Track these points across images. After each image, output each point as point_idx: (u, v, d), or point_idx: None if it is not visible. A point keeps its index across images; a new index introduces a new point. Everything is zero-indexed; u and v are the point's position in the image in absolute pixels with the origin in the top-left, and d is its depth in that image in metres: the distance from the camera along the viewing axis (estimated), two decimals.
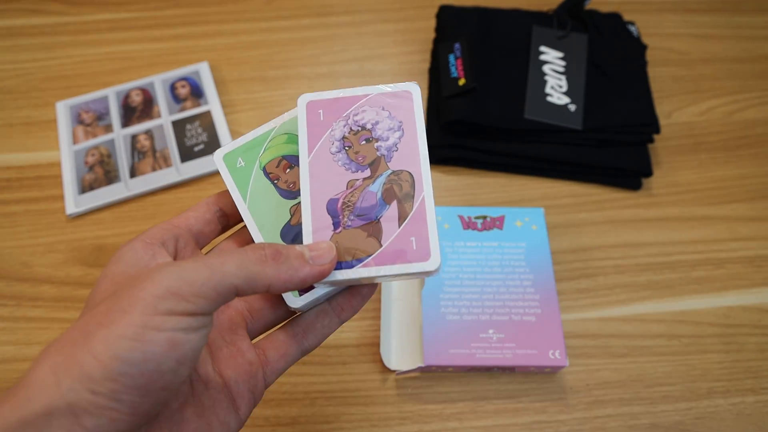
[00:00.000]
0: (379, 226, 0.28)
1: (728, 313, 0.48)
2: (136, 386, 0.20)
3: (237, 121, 0.57)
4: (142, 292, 0.21)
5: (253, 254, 0.24)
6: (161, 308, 0.21)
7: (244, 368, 0.27)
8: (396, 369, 0.44)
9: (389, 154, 0.29)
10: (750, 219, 0.52)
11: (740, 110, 0.58)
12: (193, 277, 0.22)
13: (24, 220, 0.52)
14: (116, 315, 0.21)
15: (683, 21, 0.64)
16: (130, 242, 0.27)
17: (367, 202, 0.28)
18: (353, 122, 0.30)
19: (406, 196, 0.28)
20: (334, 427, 0.43)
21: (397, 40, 0.62)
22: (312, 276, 0.25)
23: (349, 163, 0.29)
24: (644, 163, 0.53)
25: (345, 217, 0.28)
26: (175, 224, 0.28)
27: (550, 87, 0.55)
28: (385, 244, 0.27)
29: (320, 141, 0.29)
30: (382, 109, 0.30)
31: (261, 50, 0.62)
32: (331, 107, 0.30)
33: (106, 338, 0.20)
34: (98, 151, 0.55)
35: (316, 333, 0.29)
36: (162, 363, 0.21)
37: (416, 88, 0.30)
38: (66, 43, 0.62)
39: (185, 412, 0.25)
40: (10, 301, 0.48)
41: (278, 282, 0.24)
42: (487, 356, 0.43)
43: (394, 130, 0.29)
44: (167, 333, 0.21)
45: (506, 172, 0.55)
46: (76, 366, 0.20)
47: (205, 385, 0.26)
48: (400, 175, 0.28)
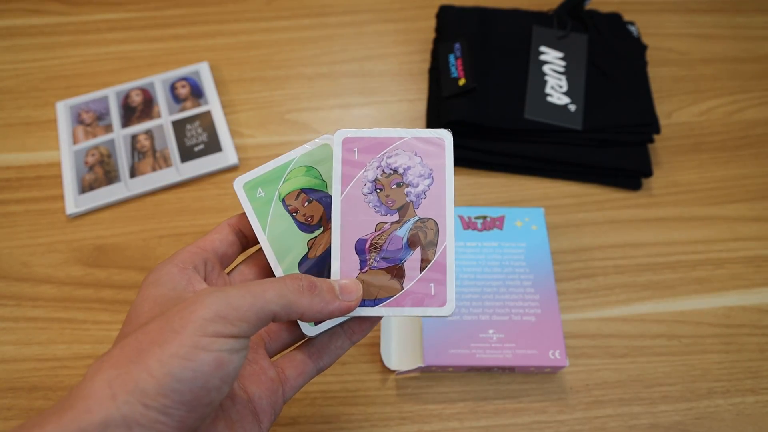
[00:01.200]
0: (402, 269, 0.30)
1: (728, 313, 0.48)
2: (184, 402, 0.22)
3: (237, 121, 0.57)
4: (192, 314, 0.23)
5: (292, 284, 0.26)
6: (210, 330, 0.23)
7: (267, 385, 0.29)
8: (396, 369, 0.44)
9: (418, 200, 0.30)
10: (750, 219, 0.52)
11: (740, 110, 0.58)
12: (239, 303, 0.24)
13: (24, 220, 0.52)
14: (169, 335, 0.23)
15: (683, 21, 0.64)
16: (164, 266, 0.29)
17: (393, 246, 0.30)
18: (386, 165, 0.31)
19: (430, 244, 0.30)
20: (334, 427, 0.43)
21: (397, 40, 0.62)
22: (340, 310, 0.28)
23: (379, 205, 0.30)
24: (644, 163, 0.53)
25: (371, 258, 0.30)
26: (202, 247, 0.30)
27: (550, 87, 0.55)
28: (406, 287, 0.29)
29: (353, 180, 0.31)
30: (415, 155, 0.31)
31: (261, 50, 0.62)
32: (366, 146, 0.31)
33: (160, 356, 0.22)
34: (98, 151, 0.55)
35: (330, 353, 0.32)
36: (208, 381, 0.23)
37: (449, 136, 0.31)
38: (66, 43, 0.62)
39: (218, 425, 0.27)
40: (10, 301, 0.48)
41: (310, 312, 0.27)
42: (487, 356, 0.43)
43: (425, 177, 0.30)
44: (215, 353, 0.23)
45: (506, 172, 0.55)
46: (131, 381, 0.22)
47: (232, 401, 0.28)
48: (426, 222, 0.30)
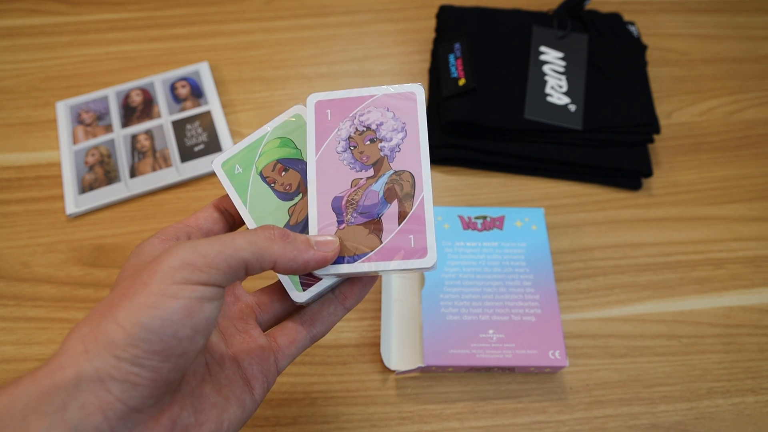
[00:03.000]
0: (380, 223, 0.29)
1: (728, 313, 0.48)
2: (155, 351, 0.22)
3: (237, 121, 0.57)
4: (160, 264, 0.23)
5: (263, 232, 0.26)
6: (177, 277, 0.23)
7: (257, 352, 0.29)
8: (396, 369, 0.44)
9: (392, 154, 0.30)
10: (750, 219, 0.52)
11: (740, 110, 0.58)
12: (207, 250, 0.24)
13: (24, 220, 0.52)
14: (138, 287, 0.23)
15: (683, 21, 0.64)
16: (147, 240, 0.29)
17: (369, 201, 0.29)
18: (359, 122, 0.31)
19: (407, 196, 0.29)
20: (334, 427, 0.43)
21: (397, 40, 0.62)
22: (315, 260, 0.27)
23: (353, 162, 0.30)
24: (644, 163, 0.53)
25: (348, 215, 0.29)
26: (186, 223, 0.31)
27: (550, 87, 0.55)
28: (385, 241, 0.29)
29: (327, 140, 0.31)
30: (387, 110, 0.31)
31: (261, 50, 0.62)
32: (339, 107, 0.31)
33: (129, 307, 0.22)
34: (98, 151, 0.55)
35: (323, 321, 0.31)
36: (179, 330, 0.22)
37: (420, 89, 0.31)
38: (66, 43, 0.62)
39: (204, 388, 0.27)
40: (10, 301, 0.48)
41: (284, 259, 0.26)
42: (487, 356, 0.43)
43: (398, 131, 0.30)
44: (183, 300, 0.23)
45: (506, 172, 0.55)
46: (101, 334, 0.22)
47: (220, 366, 0.28)
48: (401, 175, 0.30)
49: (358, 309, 0.48)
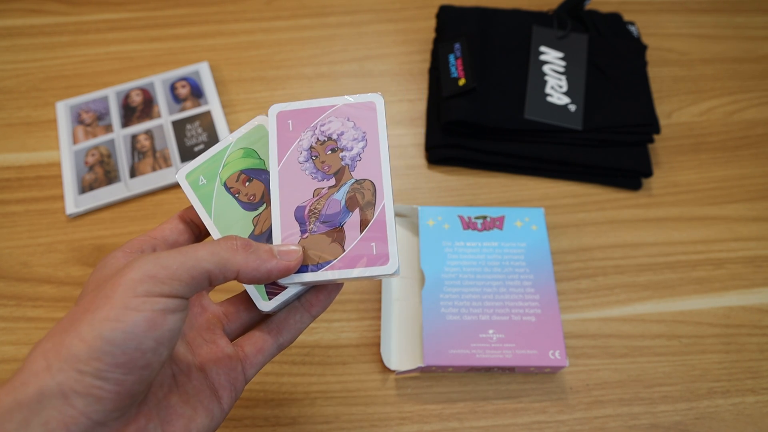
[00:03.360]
0: (342, 232, 0.30)
1: (728, 313, 0.48)
2: (118, 364, 0.22)
3: (237, 121, 0.57)
4: (122, 278, 0.23)
5: (225, 243, 0.26)
6: (139, 290, 0.23)
7: (224, 361, 0.29)
8: (396, 369, 0.44)
9: (353, 163, 0.31)
10: (750, 219, 0.52)
11: (740, 110, 0.58)
12: (168, 262, 0.24)
13: (24, 220, 0.52)
14: (100, 301, 0.23)
15: (683, 21, 0.64)
16: (111, 253, 0.29)
17: (331, 210, 0.30)
18: (320, 132, 0.31)
19: (368, 204, 0.30)
20: (334, 427, 0.43)
21: (397, 40, 0.62)
22: (278, 269, 0.27)
23: (315, 172, 0.31)
24: (644, 163, 0.53)
25: (311, 224, 0.30)
26: (152, 236, 0.30)
27: (550, 87, 0.55)
28: (347, 249, 0.29)
29: (289, 150, 0.31)
30: (347, 120, 0.31)
31: (261, 50, 0.62)
32: (300, 117, 0.31)
33: (91, 321, 0.22)
34: (98, 151, 0.55)
35: (289, 329, 0.31)
36: (142, 342, 0.22)
37: (380, 99, 0.31)
38: (66, 43, 0.62)
39: (171, 398, 0.27)
40: (10, 301, 0.48)
41: (247, 269, 0.26)
42: (487, 356, 0.43)
43: (358, 140, 0.31)
44: (145, 313, 0.22)
45: (506, 172, 0.55)
46: (64, 349, 0.22)
47: (187, 376, 0.28)
48: (362, 183, 0.30)
49: (358, 309, 0.48)
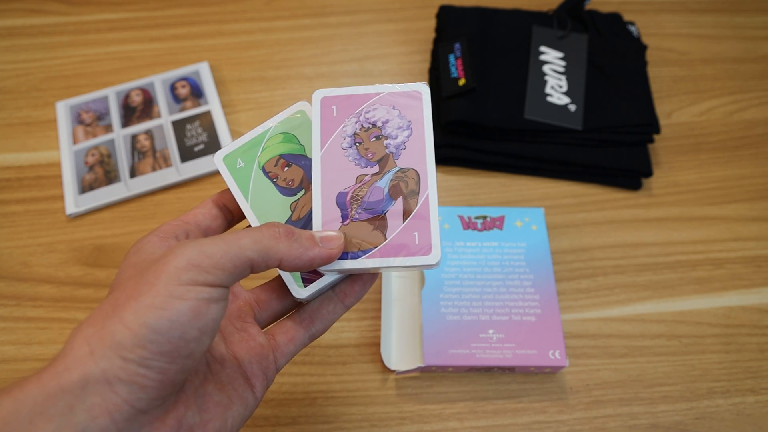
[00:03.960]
0: (384, 220, 0.29)
1: (728, 313, 0.48)
2: (162, 352, 0.22)
3: (237, 121, 0.57)
4: (166, 265, 0.23)
5: (268, 231, 0.26)
6: (184, 279, 0.22)
7: (256, 350, 0.29)
8: (396, 369, 0.44)
9: (397, 151, 0.30)
10: (750, 219, 0.52)
11: (740, 110, 0.58)
12: (212, 250, 0.23)
13: (24, 220, 0.52)
14: (144, 288, 0.22)
15: (683, 21, 0.64)
16: (146, 236, 0.28)
17: (374, 197, 0.29)
18: (364, 119, 0.31)
19: (412, 193, 0.29)
20: (334, 427, 0.43)
21: (397, 40, 0.62)
22: (320, 257, 0.27)
23: (359, 158, 0.30)
24: (644, 163, 0.53)
25: (353, 210, 0.29)
26: (184, 221, 0.30)
27: (550, 87, 0.55)
28: (389, 238, 0.29)
29: (332, 136, 0.31)
30: (393, 108, 0.31)
31: (261, 50, 0.62)
32: (344, 104, 0.31)
33: (136, 308, 0.22)
34: (98, 151, 0.55)
35: (322, 319, 0.31)
36: (186, 331, 0.22)
37: (426, 88, 0.31)
38: (66, 43, 0.62)
39: (207, 386, 0.27)
40: (10, 301, 0.48)
41: (289, 257, 0.26)
42: (487, 356, 0.43)
43: (403, 128, 0.30)
44: (190, 302, 0.22)
45: (506, 172, 0.55)
46: (108, 335, 0.22)
47: (221, 364, 0.28)
48: (406, 172, 0.30)
49: (358, 309, 0.48)
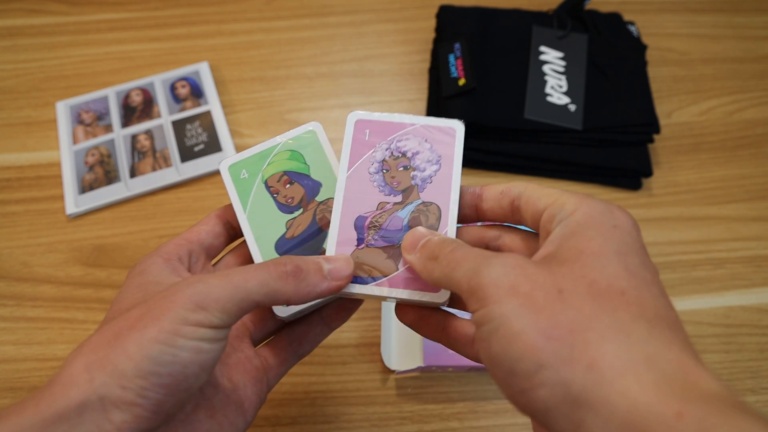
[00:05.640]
0: (399, 250, 0.29)
1: (728, 313, 0.48)
2: (162, 385, 0.22)
3: (237, 121, 0.57)
4: (173, 303, 0.23)
5: (275, 270, 0.25)
6: (191, 319, 0.23)
7: (252, 374, 0.30)
8: (396, 369, 0.44)
9: (423, 184, 0.30)
10: (750, 219, 0.52)
11: (740, 110, 0.58)
12: (220, 294, 0.24)
13: (24, 220, 0.52)
14: (149, 321, 0.23)
15: (683, 21, 0.64)
16: (149, 257, 0.29)
17: (393, 226, 0.29)
18: (395, 147, 0.31)
19: (430, 228, 0.29)
20: (334, 427, 0.43)
21: (397, 40, 0.62)
22: (329, 290, 0.27)
23: (383, 185, 0.30)
24: (644, 163, 0.53)
25: (369, 236, 0.29)
26: (188, 239, 0.30)
27: (550, 87, 0.55)
28: (401, 269, 0.29)
29: (361, 159, 0.31)
30: (425, 141, 0.31)
31: (261, 50, 0.62)
32: (378, 129, 0.31)
33: (140, 340, 0.22)
34: (98, 151, 0.55)
35: (309, 341, 0.32)
36: (187, 367, 0.23)
37: (461, 126, 0.31)
38: (66, 43, 0.62)
39: (198, 413, 0.27)
40: (10, 301, 0.48)
41: (297, 298, 0.26)
42: None
43: (432, 163, 0.30)
44: (194, 342, 0.23)
45: (506, 172, 0.55)
46: (109, 363, 0.22)
47: (215, 389, 0.28)
48: (429, 206, 0.30)
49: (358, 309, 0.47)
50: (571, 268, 0.21)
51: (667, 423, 0.17)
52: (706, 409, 0.17)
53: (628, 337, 0.19)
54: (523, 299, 0.21)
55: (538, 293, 0.21)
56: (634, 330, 0.19)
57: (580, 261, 0.22)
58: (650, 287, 0.21)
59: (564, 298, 0.21)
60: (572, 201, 0.24)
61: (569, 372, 0.19)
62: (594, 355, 0.19)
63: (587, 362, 0.19)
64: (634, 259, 0.22)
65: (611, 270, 0.21)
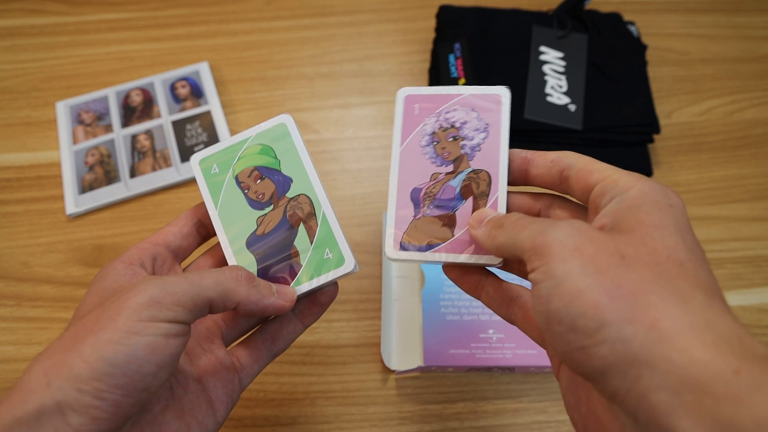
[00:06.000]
0: (454, 217, 0.30)
1: None
2: (118, 385, 0.22)
3: (237, 121, 0.57)
4: (128, 301, 0.23)
5: (230, 273, 0.27)
6: (144, 315, 0.23)
7: (222, 374, 0.30)
8: (396, 369, 0.44)
9: (472, 153, 0.31)
10: (750, 219, 0.52)
11: (740, 110, 0.58)
12: (174, 288, 0.24)
13: (24, 220, 0.52)
14: (104, 323, 0.23)
15: (683, 21, 0.64)
16: (113, 262, 0.29)
17: (446, 195, 0.31)
18: (444, 119, 0.32)
19: (482, 194, 0.30)
20: (334, 427, 0.43)
21: (397, 40, 0.62)
22: (274, 307, 0.28)
23: (435, 157, 0.31)
24: (644, 163, 0.53)
25: (425, 206, 0.31)
26: (153, 242, 0.30)
27: (550, 87, 0.55)
28: (457, 235, 0.30)
29: (413, 133, 0.32)
30: (472, 110, 0.32)
31: (261, 50, 0.62)
32: (427, 102, 0.32)
33: (94, 343, 0.22)
34: (98, 151, 0.55)
35: (283, 338, 0.32)
36: (143, 366, 0.23)
37: (506, 92, 0.31)
38: (66, 43, 0.62)
39: (166, 414, 0.27)
40: (10, 301, 0.48)
41: (247, 302, 0.27)
42: (487, 356, 0.43)
43: (480, 131, 0.31)
44: (148, 338, 0.23)
45: None
46: (65, 367, 0.22)
47: (185, 389, 0.28)
48: (479, 174, 0.31)
49: (358, 309, 0.48)
50: (631, 237, 0.22)
51: (726, 378, 0.18)
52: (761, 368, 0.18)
53: (688, 303, 0.20)
54: (588, 260, 0.21)
55: (602, 256, 0.21)
56: (693, 297, 0.20)
57: (641, 231, 0.22)
58: (704, 263, 0.22)
59: (627, 263, 0.21)
60: (626, 179, 0.25)
61: (631, 330, 0.19)
62: (656, 315, 0.19)
63: (649, 322, 0.19)
64: (689, 236, 0.23)
65: (671, 242, 0.22)
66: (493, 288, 0.30)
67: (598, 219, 0.24)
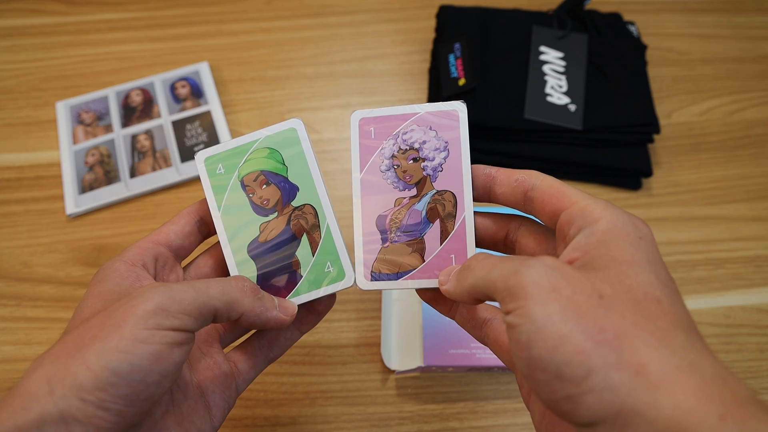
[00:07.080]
0: (422, 242, 0.30)
1: (728, 313, 0.48)
2: (122, 395, 0.22)
3: (237, 121, 0.57)
4: (134, 308, 0.23)
5: (236, 284, 0.27)
6: (150, 323, 0.23)
7: (220, 379, 0.30)
8: (396, 369, 0.44)
9: (435, 174, 0.30)
10: (750, 219, 0.52)
11: (740, 110, 0.58)
12: (181, 296, 0.24)
13: (24, 220, 0.52)
14: (110, 329, 0.23)
15: (683, 21, 0.64)
16: (112, 263, 0.28)
17: (412, 220, 0.30)
18: (402, 141, 0.31)
19: (449, 216, 0.30)
20: (334, 427, 0.43)
21: (397, 40, 0.62)
22: (275, 321, 0.28)
23: (397, 181, 0.31)
24: (644, 163, 0.53)
25: (392, 233, 0.30)
26: (154, 241, 0.30)
27: (550, 87, 0.55)
28: (427, 260, 0.30)
29: (371, 158, 0.31)
30: (430, 129, 0.31)
31: (261, 50, 0.62)
32: (382, 125, 0.31)
33: (100, 350, 0.22)
34: (98, 151, 0.55)
35: (280, 344, 0.32)
36: (147, 375, 0.23)
37: (463, 107, 0.31)
38: (66, 43, 0.62)
39: (167, 420, 0.27)
40: (10, 301, 0.48)
41: (250, 314, 0.27)
42: (487, 356, 0.43)
43: (440, 150, 0.31)
44: (154, 346, 0.23)
45: None
46: (69, 376, 0.22)
47: (185, 394, 0.28)
48: (443, 195, 0.30)
49: (358, 309, 0.48)
50: (606, 274, 0.22)
51: (711, 424, 0.18)
52: (745, 412, 0.18)
53: (671, 343, 0.20)
54: (567, 301, 0.21)
55: (581, 297, 0.21)
56: (675, 336, 0.20)
57: (615, 268, 0.22)
58: (678, 297, 0.22)
59: (606, 303, 0.21)
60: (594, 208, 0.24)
61: (618, 377, 0.19)
62: (641, 360, 0.19)
63: (635, 368, 0.19)
64: (662, 270, 0.22)
65: (645, 278, 0.21)
66: (466, 310, 0.30)
67: (568, 252, 0.24)
